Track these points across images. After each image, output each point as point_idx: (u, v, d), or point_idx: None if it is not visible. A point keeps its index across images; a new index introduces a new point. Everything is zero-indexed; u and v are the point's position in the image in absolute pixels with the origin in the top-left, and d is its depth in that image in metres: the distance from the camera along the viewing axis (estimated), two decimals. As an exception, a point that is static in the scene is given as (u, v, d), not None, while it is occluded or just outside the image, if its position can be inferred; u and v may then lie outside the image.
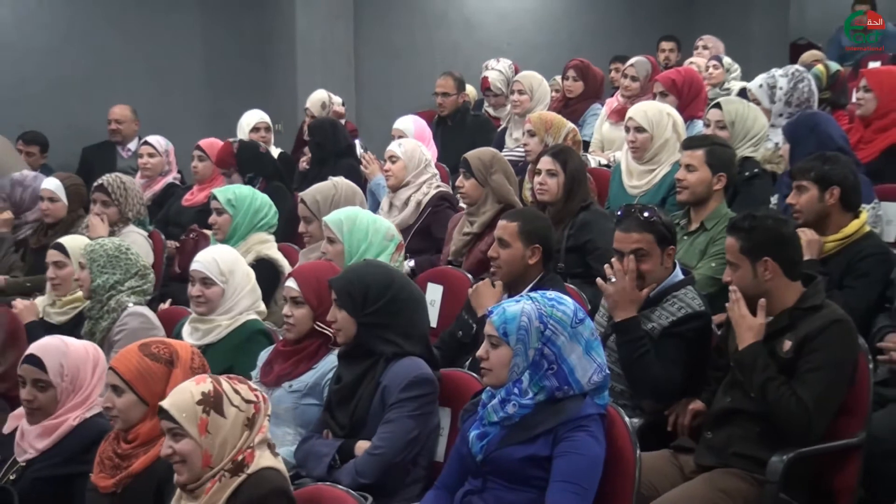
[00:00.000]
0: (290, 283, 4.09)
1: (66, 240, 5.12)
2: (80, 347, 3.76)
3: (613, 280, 4.08)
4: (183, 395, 2.99)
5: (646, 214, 4.11)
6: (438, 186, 6.13)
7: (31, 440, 3.65)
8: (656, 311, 4.10)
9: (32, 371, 3.63)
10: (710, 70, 8.10)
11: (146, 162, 7.32)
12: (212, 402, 2.97)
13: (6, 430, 3.84)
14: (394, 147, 6.15)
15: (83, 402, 3.66)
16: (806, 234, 4.33)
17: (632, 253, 4.07)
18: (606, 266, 4.14)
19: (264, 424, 3.06)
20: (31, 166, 7.54)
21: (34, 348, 3.69)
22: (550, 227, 4.49)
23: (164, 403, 2.99)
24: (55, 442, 3.63)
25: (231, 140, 6.96)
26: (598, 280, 4.17)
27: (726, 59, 8.36)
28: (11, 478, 3.63)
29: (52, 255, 5.08)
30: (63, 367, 3.64)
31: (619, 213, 4.25)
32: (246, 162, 6.66)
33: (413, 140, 6.40)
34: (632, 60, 7.55)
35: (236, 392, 3.03)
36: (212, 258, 4.51)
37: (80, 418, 3.64)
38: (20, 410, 3.81)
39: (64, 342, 3.76)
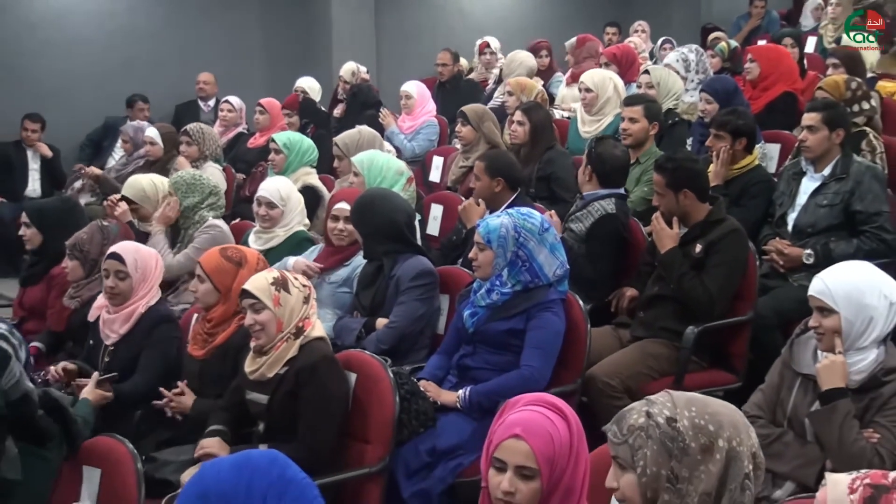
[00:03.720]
0: (344, 205, 3.98)
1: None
2: (146, 250, 3.71)
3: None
4: (259, 280, 3.04)
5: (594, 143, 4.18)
6: None
7: (114, 327, 3.56)
8: (582, 212, 4.08)
9: (114, 264, 3.55)
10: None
11: (225, 115, 7.30)
12: (281, 283, 3.02)
13: (91, 318, 3.73)
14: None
15: (149, 292, 3.59)
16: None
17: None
18: None
19: (313, 303, 3.10)
20: (139, 118, 7.54)
21: (115, 248, 3.61)
22: (512, 164, 4.32)
23: (246, 286, 3.03)
24: (132, 327, 3.55)
25: (299, 94, 7.22)
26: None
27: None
28: (106, 360, 3.55)
29: None
30: (137, 262, 3.57)
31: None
32: (305, 110, 6.93)
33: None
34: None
35: (295, 279, 3.09)
36: (274, 187, 4.43)
37: (146, 306, 3.57)
38: (100, 301, 3.71)
39: (136, 245, 3.71)
